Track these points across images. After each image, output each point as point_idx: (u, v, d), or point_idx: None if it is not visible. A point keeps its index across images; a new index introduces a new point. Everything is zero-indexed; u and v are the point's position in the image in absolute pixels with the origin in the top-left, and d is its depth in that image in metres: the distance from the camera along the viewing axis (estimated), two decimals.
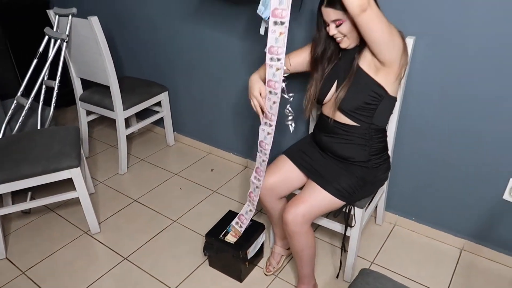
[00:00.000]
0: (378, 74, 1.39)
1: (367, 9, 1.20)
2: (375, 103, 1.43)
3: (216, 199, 2.29)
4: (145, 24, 2.56)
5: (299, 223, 1.44)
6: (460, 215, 1.84)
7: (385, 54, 1.34)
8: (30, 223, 2.13)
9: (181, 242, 1.98)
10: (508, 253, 1.78)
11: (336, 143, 1.52)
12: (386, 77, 1.39)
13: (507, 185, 1.65)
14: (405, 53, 1.39)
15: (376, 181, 1.56)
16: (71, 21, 2.19)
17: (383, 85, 1.40)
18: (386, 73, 1.39)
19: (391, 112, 1.55)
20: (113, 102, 2.31)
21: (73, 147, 1.92)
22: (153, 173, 2.53)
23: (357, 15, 1.22)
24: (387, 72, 1.38)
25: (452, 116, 1.67)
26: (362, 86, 1.41)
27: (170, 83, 2.66)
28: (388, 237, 1.98)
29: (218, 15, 2.17)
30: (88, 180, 2.26)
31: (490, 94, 1.55)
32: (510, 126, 1.55)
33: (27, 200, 2.17)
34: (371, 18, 1.23)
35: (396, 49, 1.34)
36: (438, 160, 1.78)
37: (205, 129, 2.69)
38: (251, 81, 1.50)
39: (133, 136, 2.94)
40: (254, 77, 1.50)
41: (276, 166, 1.63)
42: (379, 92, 1.41)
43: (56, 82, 2.27)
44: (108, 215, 2.17)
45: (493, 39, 1.46)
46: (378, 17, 1.25)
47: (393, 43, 1.33)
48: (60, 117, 3.21)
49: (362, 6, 1.20)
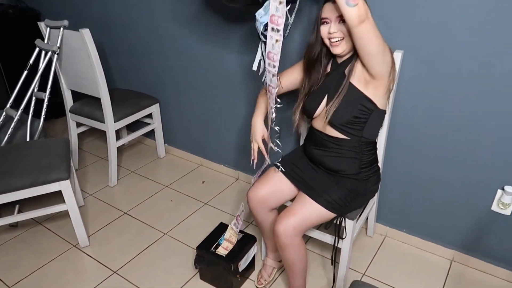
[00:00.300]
0: (368, 88, 1.41)
1: (365, 20, 1.22)
2: (365, 116, 1.45)
3: (207, 211, 2.28)
4: (136, 36, 2.57)
5: (291, 235, 1.44)
6: (449, 226, 1.86)
7: (376, 67, 1.36)
8: (17, 236, 2.09)
9: (171, 255, 1.96)
10: (497, 263, 1.79)
11: (326, 156, 1.53)
12: (376, 91, 1.42)
13: (495, 196, 1.68)
14: (394, 67, 1.42)
15: (366, 193, 1.57)
16: (62, 33, 2.19)
17: (372, 99, 1.42)
18: (375, 87, 1.41)
19: (381, 125, 1.57)
20: (104, 114, 2.31)
21: (63, 159, 1.90)
22: (143, 185, 2.51)
23: (355, 26, 1.23)
24: (376, 85, 1.41)
25: (440, 129, 1.70)
26: (352, 101, 1.43)
27: (161, 95, 2.66)
28: (379, 249, 1.98)
29: (210, 29, 2.20)
30: (78, 192, 2.24)
31: (476, 109, 1.58)
32: (497, 139, 1.58)
33: (15, 213, 2.13)
34: (368, 29, 1.25)
35: (386, 63, 1.37)
36: (427, 172, 1.81)
37: (196, 141, 2.69)
38: (254, 125, 1.54)
39: (124, 148, 2.93)
40: (257, 121, 1.54)
41: (267, 178, 1.64)
42: (368, 106, 1.43)
43: (46, 94, 2.26)
44: (98, 228, 2.14)
45: (478, 56, 1.50)
46: (374, 29, 1.27)
47: (385, 57, 1.35)
48: (49, 129, 3.18)
49: (361, 17, 1.21)
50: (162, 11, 2.35)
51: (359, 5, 1.20)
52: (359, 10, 1.20)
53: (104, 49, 2.73)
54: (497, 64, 1.48)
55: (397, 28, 1.61)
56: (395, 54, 1.58)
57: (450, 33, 1.52)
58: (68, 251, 1.99)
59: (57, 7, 2.91)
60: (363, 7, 1.21)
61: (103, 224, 2.17)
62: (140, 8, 2.45)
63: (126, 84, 2.82)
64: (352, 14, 1.21)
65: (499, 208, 1.68)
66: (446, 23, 1.51)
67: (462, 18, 1.47)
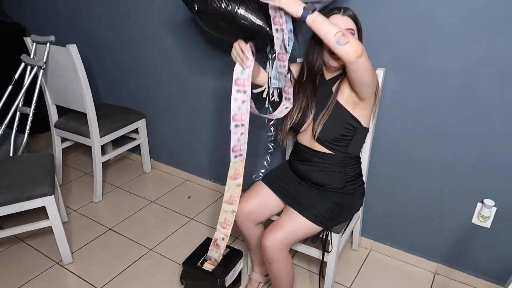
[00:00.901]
0: (355, 109, 1.46)
1: (362, 54, 1.26)
2: (350, 134, 1.49)
3: (193, 226, 2.27)
4: (123, 52, 2.59)
5: (278, 249, 1.45)
6: (432, 239, 1.89)
7: (366, 92, 1.42)
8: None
9: (157, 271, 1.94)
10: (478, 275, 1.83)
11: (312, 171, 1.56)
12: (362, 112, 1.47)
13: (475, 209, 1.73)
14: (378, 88, 1.49)
15: (352, 206, 1.60)
16: (49, 49, 2.19)
17: (358, 119, 1.47)
18: (362, 108, 1.46)
19: (363, 142, 1.61)
20: (90, 129, 2.30)
21: (47, 175, 1.88)
22: (129, 201, 2.49)
23: (352, 62, 1.27)
24: (363, 107, 1.46)
25: (421, 145, 1.75)
26: (339, 119, 1.47)
27: (147, 110, 2.67)
28: (364, 262, 2.00)
29: (197, 45, 2.23)
30: (62, 208, 2.21)
31: (455, 124, 1.64)
32: (476, 154, 1.64)
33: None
34: (363, 63, 1.29)
35: (374, 86, 1.43)
36: (410, 186, 1.85)
37: (182, 156, 2.69)
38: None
39: (109, 163, 2.91)
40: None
41: (253, 192, 1.65)
42: (354, 124, 1.47)
43: (31, 109, 2.24)
44: (82, 245, 2.11)
45: (458, 73, 1.56)
46: (368, 62, 1.31)
47: (374, 82, 1.41)
48: (32, 144, 3.13)
49: (357, 52, 1.25)
50: (149, 28, 2.38)
51: (351, 41, 1.24)
52: (352, 46, 1.24)
53: (90, 65, 2.74)
54: (476, 81, 1.54)
55: (379, 46, 1.67)
56: (377, 71, 1.64)
57: (430, 51, 1.59)
58: (51, 268, 1.95)
59: (42, 23, 2.91)
60: (356, 42, 1.25)
61: (87, 241, 2.14)
62: (127, 25, 2.47)
63: (112, 99, 2.82)
64: (347, 51, 1.25)
65: (479, 221, 1.73)
66: (426, 41, 1.58)
67: (442, 36, 1.54)
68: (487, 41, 1.47)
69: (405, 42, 1.62)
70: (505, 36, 1.43)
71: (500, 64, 1.48)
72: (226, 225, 1.64)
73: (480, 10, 1.45)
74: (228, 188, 1.60)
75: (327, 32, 1.26)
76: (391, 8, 1.60)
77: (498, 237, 1.72)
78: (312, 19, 1.27)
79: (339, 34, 1.24)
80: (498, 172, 1.62)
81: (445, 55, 1.56)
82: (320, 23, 1.27)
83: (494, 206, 1.66)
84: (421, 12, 1.55)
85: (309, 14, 1.27)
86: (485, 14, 1.44)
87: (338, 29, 1.26)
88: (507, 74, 1.48)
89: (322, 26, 1.27)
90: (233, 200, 1.60)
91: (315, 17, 1.27)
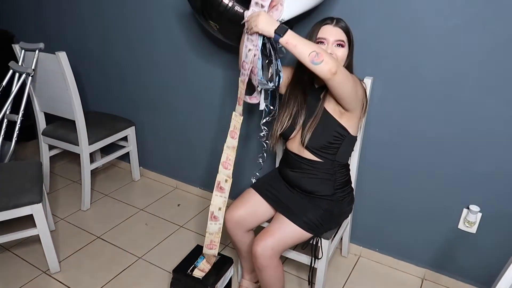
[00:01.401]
0: (342, 118, 1.49)
1: (337, 71, 1.28)
2: (338, 142, 1.51)
3: (183, 234, 2.26)
4: (112, 60, 2.59)
5: (269, 256, 1.45)
6: (420, 245, 1.92)
7: (350, 105, 1.44)
8: None
9: (146, 279, 1.93)
10: (466, 280, 1.86)
11: (301, 178, 1.57)
12: (349, 120, 1.50)
13: (461, 215, 1.76)
14: (366, 98, 1.52)
15: (341, 213, 1.61)
16: (37, 56, 2.18)
17: (346, 127, 1.50)
18: (349, 118, 1.49)
19: (352, 149, 1.64)
20: (78, 137, 2.28)
21: (35, 183, 1.86)
22: (117, 209, 2.47)
23: (329, 79, 1.30)
24: (350, 117, 1.49)
25: (408, 152, 1.78)
26: (327, 127, 1.50)
27: (136, 117, 2.66)
28: (353, 269, 2.02)
29: (186, 52, 2.25)
30: (49, 216, 2.18)
31: (441, 132, 1.68)
32: (461, 160, 1.68)
33: None
34: (341, 79, 1.32)
35: (359, 99, 1.45)
36: (397, 193, 1.88)
37: (171, 163, 2.69)
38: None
39: (97, 171, 2.88)
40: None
41: (243, 199, 1.66)
42: (342, 132, 1.50)
43: (19, 117, 2.22)
44: (69, 253, 2.08)
45: (443, 80, 1.61)
46: (347, 76, 1.34)
47: (357, 95, 1.43)
48: (19, 151, 3.09)
49: (331, 70, 1.27)
50: (138, 36, 2.39)
51: (325, 60, 1.26)
52: (327, 65, 1.27)
53: (79, 72, 2.72)
54: (460, 88, 1.59)
55: (367, 56, 1.71)
56: (365, 81, 1.67)
57: (416, 60, 1.63)
58: (38, 278, 1.92)
59: (31, 30, 2.90)
60: (330, 61, 1.27)
61: (75, 249, 2.11)
62: (115, 32, 2.48)
63: (101, 107, 2.81)
64: (322, 70, 1.28)
65: (465, 226, 1.76)
66: (412, 50, 1.62)
67: (428, 45, 1.59)
68: (470, 49, 1.52)
69: (392, 52, 1.66)
70: (488, 44, 1.48)
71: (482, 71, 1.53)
72: (228, 165, 1.60)
73: (461, 20, 1.50)
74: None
75: (301, 53, 1.28)
76: (377, 18, 1.65)
77: (484, 242, 1.75)
78: (285, 41, 1.28)
79: (313, 54, 1.26)
80: (483, 178, 1.66)
81: (430, 63, 1.61)
82: (293, 45, 1.28)
83: (479, 211, 1.70)
84: (406, 22, 1.60)
85: (280, 37, 1.28)
86: (467, 24, 1.49)
87: (312, 48, 1.27)
88: (488, 81, 1.53)
89: (295, 48, 1.28)
90: (234, 134, 1.58)
91: (288, 38, 1.28)
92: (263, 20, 1.29)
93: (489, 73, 1.51)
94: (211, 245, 1.68)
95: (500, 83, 1.51)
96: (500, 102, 1.53)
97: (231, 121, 1.59)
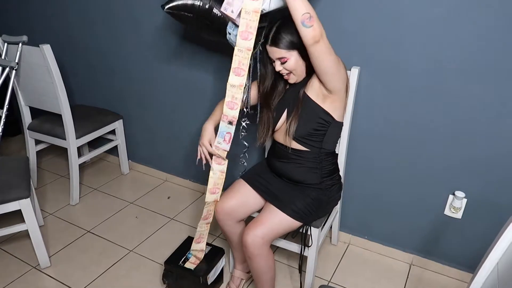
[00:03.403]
0: (325, 102, 1.50)
1: (319, 40, 1.30)
2: (323, 129, 1.53)
3: (174, 226, 2.27)
4: (98, 53, 2.56)
5: (259, 245, 1.47)
6: (407, 231, 1.96)
7: (332, 82, 1.45)
8: None
9: (138, 272, 1.93)
10: (452, 265, 1.91)
11: (288, 168, 1.59)
12: (332, 104, 1.50)
13: (447, 201, 1.80)
14: (348, 83, 1.53)
15: (330, 201, 1.63)
16: (21, 49, 2.14)
17: (330, 112, 1.51)
18: (332, 101, 1.50)
19: (339, 137, 1.66)
20: (65, 131, 2.26)
21: (22, 178, 1.84)
22: (107, 203, 2.46)
23: (310, 45, 1.32)
24: (333, 99, 1.49)
25: (395, 139, 1.81)
26: (310, 114, 1.51)
27: (124, 111, 2.64)
28: (343, 256, 2.05)
29: (174, 45, 2.23)
30: (37, 211, 2.16)
31: (427, 119, 1.71)
32: (446, 148, 1.71)
33: None
34: (322, 49, 1.33)
35: (341, 79, 1.47)
36: (385, 181, 1.91)
37: (160, 156, 2.68)
38: (204, 130, 1.58)
39: (85, 166, 2.86)
40: (208, 126, 1.58)
41: (233, 190, 1.67)
42: (326, 118, 1.51)
43: (3, 111, 2.18)
44: (59, 248, 2.07)
45: (429, 70, 1.63)
46: (328, 49, 1.36)
47: (340, 73, 1.44)
48: (4, 147, 3.05)
49: (315, 38, 1.30)
50: (124, 28, 2.36)
51: (314, 27, 1.28)
52: (314, 31, 1.29)
53: (64, 65, 2.68)
54: (445, 77, 1.61)
55: (353, 46, 1.72)
56: (353, 70, 1.69)
57: (402, 49, 1.65)
58: (27, 273, 1.91)
59: (13, 23, 2.84)
60: (318, 29, 1.29)
61: (64, 244, 2.10)
62: (102, 25, 2.44)
63: (88, 101, 2.77)
64: (307, 34, 1.30)
65: (451, 212, 1.80)
66: (398, 40, 1.64)
67: (413, 35, 1.60)
68: (454, 39, 1.54)
69: (378, 42, 1.68)
70: (471, 34, 1.51)
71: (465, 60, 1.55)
72: (234, 105, 1.47)
73: (445, 11, 1.52)
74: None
75: (296, 8, 1.28)
76: (363, 7, 1.65)
77: (469, 227, 1.80)
78: None
79: (306, 16, 1.27)
80: (468, 165, 1.70)
81: (416, 52, 1.63)
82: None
83: (464, 197, 1.74)
84: (391, 12, 1.61)
85: None
86: (450, 14, 1.51)
87: (307, 9, 1.28)
88: (471, 69, 1.55)
89: (294, 0, 1.28)
90: (240, 71, 1.42)
91: None
92: None
93: (474, 61, 1.54)
94: (214, 189, 1.62)
95: (485, 71, 1.53)
96: (486, 91, 1.56)
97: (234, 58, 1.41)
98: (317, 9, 1.70)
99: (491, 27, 1.47)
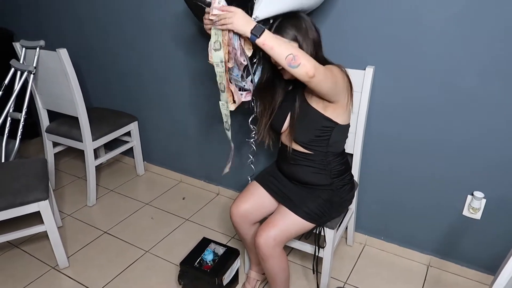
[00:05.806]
0: (327, 110, 1.47)
1: (314, 74, 1.27)
2: (326, 134, 1.51)
3: (189, 227, 2.28)
4: (112, 55, 2.59)
5: (271, 246, 1.46)
6: (425, 232, 1.93)
7: (332, 98, 1.43)
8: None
9: (154, 272, 1.95)
10: (470, 266, 1.87)
11: (296, 170, 1.58)
12: (335, 111, 1.48)
13: (465, 201, 1.76)
14: (350, 86, 1.48)
15: (342, 201, 1.61)
16: (38, 53, 2.18)
17: (333, 118, 1.48)
18: (334, 108, 1.47)
19: (345, 137, 1.61)
20: (82, 133, 2.29)
21: (41, 180, 1.88)
22: (123, 204, 2.49)
23: (307, 82, 1.30)
24: (335, 107, 1.47)
25: (412, 140, 1.78)
26: (312, 121, 1.49)
27: (139, 112, 2.67)
28: (359, 257, 2.03)
29: (188, 45, 2.24)
30: (56, 213, 2.20)
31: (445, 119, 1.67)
32: (465, 148, 1.68)
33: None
34: (319, 81, 1.30)
35: (341, 90, 1.43)
36: (401, 181, 1.88)
37: (175, 157, 2.70)
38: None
39: (102, 167, 2.90)
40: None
41: (248, 193, 1.67)
42: (328, 125, 1.49)
43: (22, 114, 2.23)
44: (77, 249, 2.10)
45: (446, 70, 1.60)
46: (325, 77, 1.32)
47: (338, 87, 1.41)
48: (22, 149, 3.11)
49: (308, 73, 1.26)
50: (138, 31, 2.38)
51: (302, 63, 1.25)
52: (304, 67, 1.25)
53: (80, 69, 2.73)
54: (463, 78, 1.58)
55: (369, 45, 1.70)
56: (367, 70, 1.67)
57: (418, 50, 1.62)
58: (47, 273, 1.94)
59: (31, 28, 2.89)
60: (308, 63, 1.25)
61: (82, 245, 2.14)
62: (115, 28, 2.47)
63: (103, 103, 2.81)
64: (299, 73, 1.27)
65: (470, 213, 1.77)
66: (414, 40, 1.61)
67: (430, 35, 1.58)
68: (472, 38, 1.50)
69: (394, 41, 1.65)
70: (490, 33, 1.47)
71: (485, 59, 1.51)
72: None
73: (462, 11, 1.48)
74: None
75: (278, 56, 1.26)
76: (378, 7, 1.63)
77: (488, 228, 1.76)
78: (261, 42, 1.25)
79: (289, 58, 1.24)
80: (487, 164, 1.66)
81: (432, 53, 1.59)
82: (270, 47, 1.25)
83: (483, 198, 1.70)
84: (407, 12, 1.58)
85: (257, 37, 1.24)
86: (467, 15, 1.48)
87: (289, 51, 1.25)
88: (491, 69, 1.51)
89: (272, 50, 1.25)
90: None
91: (264, 40, 1.25)
92: (240, 18, 1.25)
93: (494, 61, 1.50)
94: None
95: (505, 72, 1.49)
96: (506, 91, 1.52)
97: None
98: (334, 8, 1.69)
99: (511, 28, 1.43)
